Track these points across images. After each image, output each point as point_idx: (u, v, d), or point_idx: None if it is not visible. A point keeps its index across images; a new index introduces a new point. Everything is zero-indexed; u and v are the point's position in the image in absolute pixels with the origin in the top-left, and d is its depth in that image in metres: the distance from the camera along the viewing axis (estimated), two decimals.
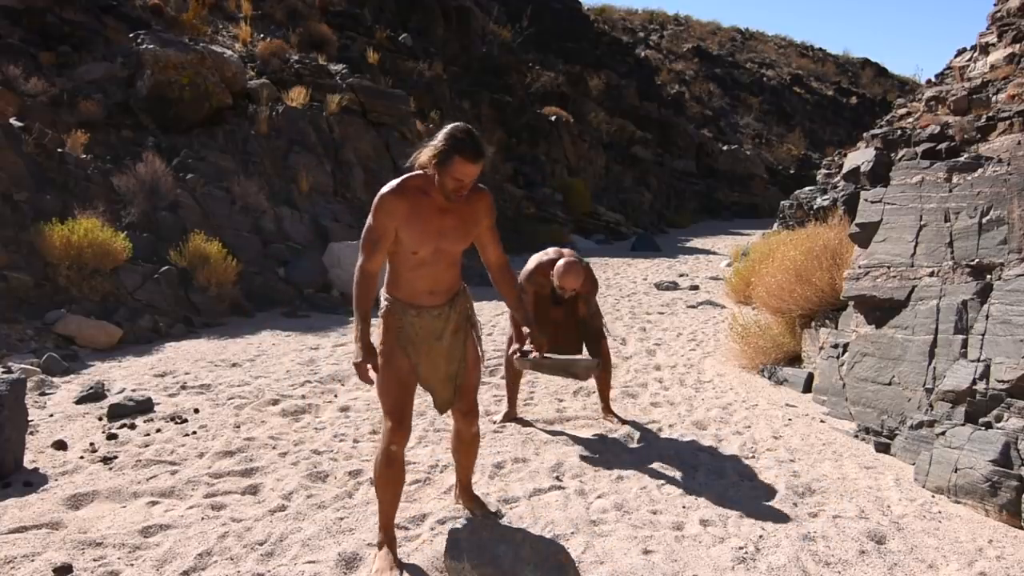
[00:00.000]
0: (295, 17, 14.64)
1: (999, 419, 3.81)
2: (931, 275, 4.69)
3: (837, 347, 5.33)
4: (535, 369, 4.28)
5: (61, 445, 4.14)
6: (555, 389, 5.62)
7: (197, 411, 4.82)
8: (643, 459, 4.20)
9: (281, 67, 12.42)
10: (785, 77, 36.49)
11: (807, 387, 5.69)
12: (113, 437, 4.27)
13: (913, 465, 4.04)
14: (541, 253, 4.66)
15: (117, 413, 4.64)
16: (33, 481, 3.65)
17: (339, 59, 13.95)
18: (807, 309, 6.23)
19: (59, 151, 8.29)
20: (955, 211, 4.71)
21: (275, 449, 4.19)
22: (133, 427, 4.47)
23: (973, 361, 4.12)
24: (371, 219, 2.83)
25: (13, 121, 8.12)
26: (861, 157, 6.91)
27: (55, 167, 8.14)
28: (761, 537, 3.26)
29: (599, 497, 3.65)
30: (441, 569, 2.90)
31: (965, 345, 4.28)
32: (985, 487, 3.55)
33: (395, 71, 15.17)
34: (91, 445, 4.15)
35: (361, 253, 2.87)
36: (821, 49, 42.78)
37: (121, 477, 3.74)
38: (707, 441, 4.55)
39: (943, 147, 5.27)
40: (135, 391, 5.16)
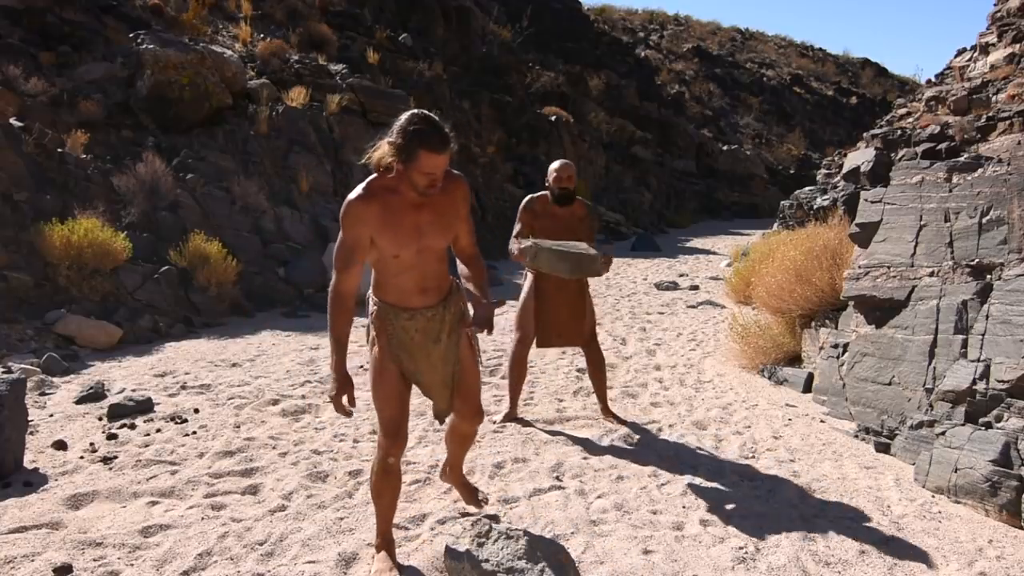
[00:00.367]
0: (295, 17, 14.64)
1: (999, 419, 3.81)
2: (931, 275, 4.69)
3: (837, 347, 5.33)
4: (534, 261, 4.21)
5: (61, 445, 4.14)
6: (555, 389, 5.62)
7: (197, 411, 4.82)
8: (643, 459, 4.20)
9: (281, 67, 12.42)
10: (785, 77, 36.49)
11: (807, 387, 5.69)
12: (113, 437, 4.27)
13: (913, 465, 4.04)
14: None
15: (117, 413, 4.64)
16: (33, 481, 3.65)
17: (339, 59, 13.95)
18: (807, 309, 6.23)
19: (59, 151, 8.29)
20: (955, 211, 4.71)
21: (275, 449, 4.19)
22: (133, 427, 4.48)
23: (973, 361, 4.12)
24: (341, 232, 2.65)
25: (13, 121, 8.12)
26: (861, 157, 6.91)
27: (55, 167, 8.14)
28: (761, 537, 3.27)
29: (599, 497, 3.65)
30: (441, 569, 2.90)
31: (965, 345, 4.28)
32: (985, 487, 3.55)
33: (395, 71, 15.16)
34: (91, 445, 4.15)
35: (333, 271, 2.69)
36: (821, 49, 42.78)
37: (121, 477, 3.74)
38: (707, 441, 4.55)
39: (943, 147, 5.27)
40: (135, 391, 5.16)
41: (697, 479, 3.92)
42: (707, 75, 33.57)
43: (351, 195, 2.64)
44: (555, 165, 4.63)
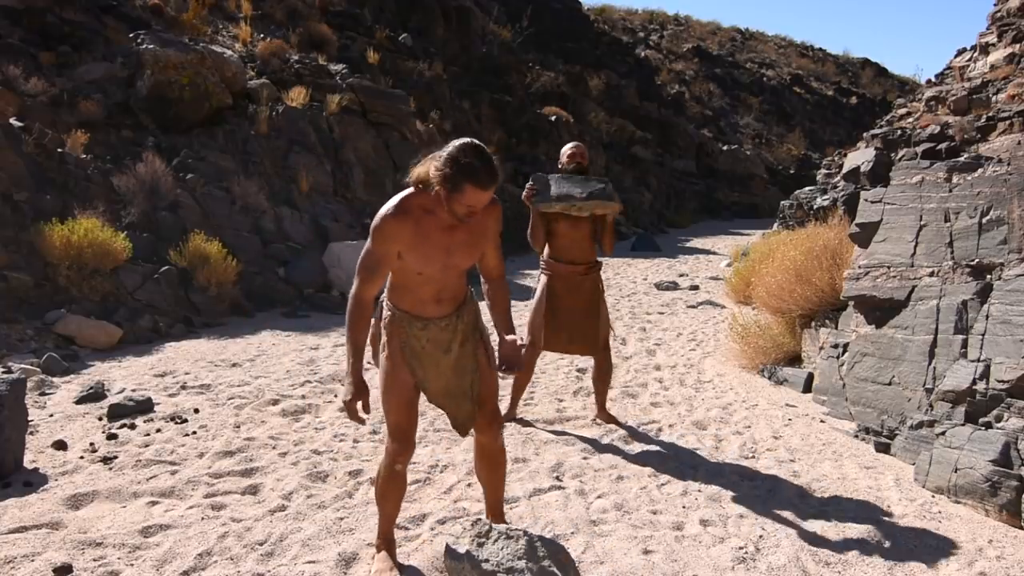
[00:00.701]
0: (295, 17, 14.64)
1: (999, 419, 3.81)
2: (931, 275, 4.69)
3: (837, 347, 5.33)
4: (542, 208, 4.35)
5: (61, 445, 4.14)
6: (555, 389, 5.62)
7: (197, 411, 4.82)
8: (643, 459, 4.20)
9: (281, 67, 12.42)
10: (785, 77, 36.48)
11: (807, 387, 5.69)
12: (113, 437, 4.27)
13: (913, 465, 4.04)
14: None
15: (117, 413, 4.64)
16: (33, 481, 3.65)
17: (339, 59, 13.95)
18: (807, 309, 6.23)
19: (59, 151, 8.29)
20: (955, 211, 4.71)
21: (275, 449, 4.19)
22: (133, 427, 4.47)
23: (973, 361, 4.12)
24: (369, 243, 2.65)
25: (13, 121, 8.12)
26: (861, 157, 6.92)
27: (55, 167, 8.14)
28: (761, 537, 3.27)
29: (599, 497, 3.65)
30: (441, 569, 2.90)
31: (965, 345, 4.28)
32: (985, 487, 3.55)
33: (395, 71, 15.16)
34: (91, 445, 4.15)
35: (356, 278, 2.68)
36: (821, 49, 42.77)
37: (121, 477, 3.74)
38: (707, 441, 4.55)
39: (943, 147, 5.28)
40: (135, 391, 5.16)
41: (697, 479, 3.92)
42: (707, 75, 33.56)
43: (386, 209, 2.64)
44: (567, 146, 4.73)
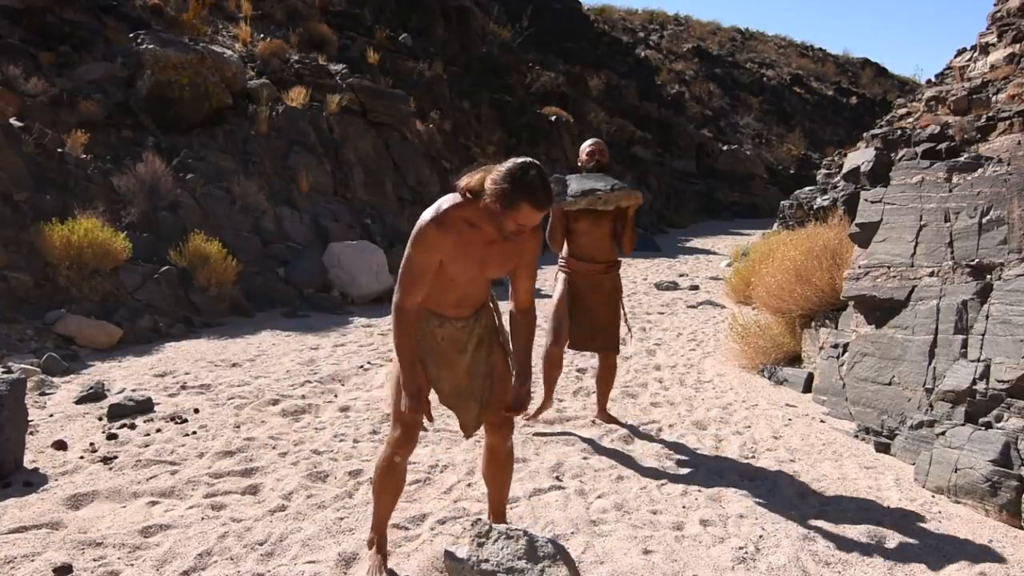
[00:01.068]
0: (295, 17, 14.64)
1: (999, 419, 3.81)
2: (931, 275, 4.69)
3: (837, 347, 5.33)
4: (566, 207, 4.35)
5: (61, 445, 4.14)
6: (555, 388, 5.61)
7: (197, 411, 4.82)
8: (643, 459, 4.20)
9: (281, 67, 12.42)
10: (785, 77, 36.48)
11: (807, 387, 5.69)
12: (113, 437, 4.27)
13: (913, 465, 4.04)
14: None
15: (117, 413, 4.64)
16: (33, 481, 3.65)
17: (339, 59, 13.95)
18: (807, 309, 6.23)
19: (59, 151, 8.29)
20: (955, 211, 4.71)
21: (275, 449, 4.19)
22: (133, 427, 4.47)
23: (973, 361, 4.12)
24: (411, 251, 2.59)
25: (13, 121, 8.12)
26: (861, 157, 6.91)
27: (55, 167, 8.14)
28: (761, 537, 3.27)
29: (599, 497, 3.65)
30: (441, 569, 2.90)
31: (965, 345, 4.28)
32: (985, 487, 3.55)
33: (395, 71, 15.16)
34: (91, 445, 4.15)
35: (398, 288, 2.63)
36: (821, 49, 42.77)
37: (121, 477, 3.74)
38: (707, 441, 4.55)
39: (943, 147, 5.27)
40: (135, 391, 5.16)
41: (697, 479, 3.92)
42: (707, 75, 33.55)
43: (428, 218, 2.58)
44: (587, 143, 4.71)
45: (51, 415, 4.67)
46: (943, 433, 3.90)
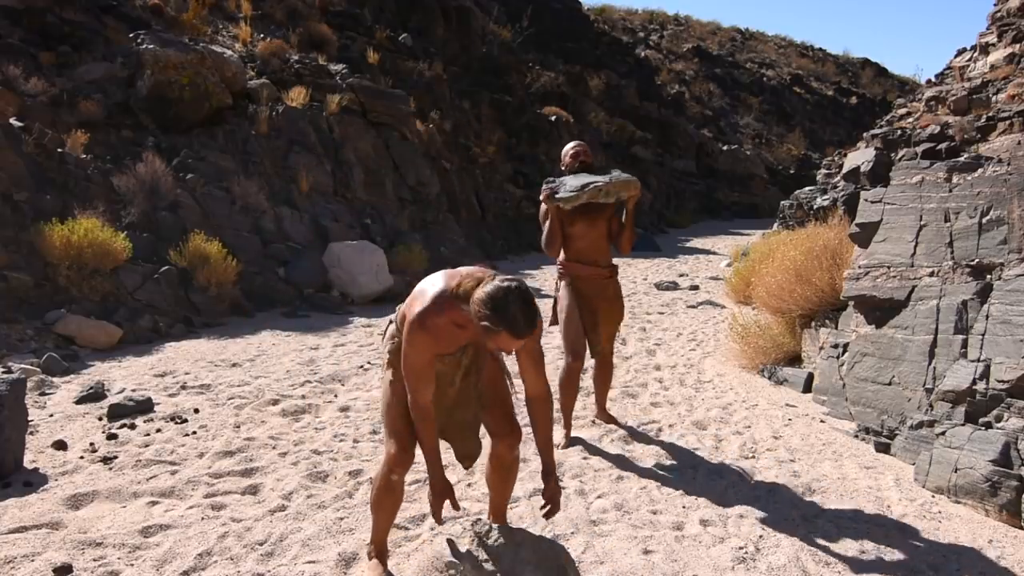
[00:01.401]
0: (295, 17, 14.64)
1: (999, 419, 3.81)
2: (931, 275, 4.69)
3: (837, 347, 5.33)
4: (565, 204, 4.18)
5: (61, 445, 4.14)
6: (555, 389, 5.61)
7: (197, 411, 4.82)
8: (643, 459, 4.20)
9: (281, 67, 12.42)
10: (785, 77, 36.48)
11: (807, 387, 5.69)
12: (113, 437, 4.27)
13: (913, 465, 4.04)
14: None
15: (117, 413, 4.64)
16: (33, 481, 3.65)
17: (339, 59, 13.95)
18: (807, 309, 6.23)
19: (59, 151, 8.29)
20: (955, 211, 4.71)
21: (275, 449, 4.19)
22: (133, 427, 4.47)
23: (973, 361, 4.12)
24: (407, 349, 2.56)
25: (13, 121, 8.12)
26: (861, 157, 6.91)
27: (55, 167, 8.14)
28: (761, 537, 3.26)
29: (599, 497, 3.65)
30: (441, 569, 2.89)
31: (965, 345, 4.28)
32: (985, 487, 3.55)
33: (395, 71, 15.16)
34: (91, 445, 4.15)
35: (408, 387, 2.59)
36: (821, 49, 42.78)
37: (121, 477, 3.74)
38: (707, 441, 4.55)
39: (943, 147, 5.27)
40: (135, 391, 5.16)
41: (697, 479, 3.92)
42: (707, 75, 33.56)
43: (421, 317, 2.51)
44: (570, 145, 4.59)
45: (51, 415, 4.67)
46: (943, 433, 3.90)
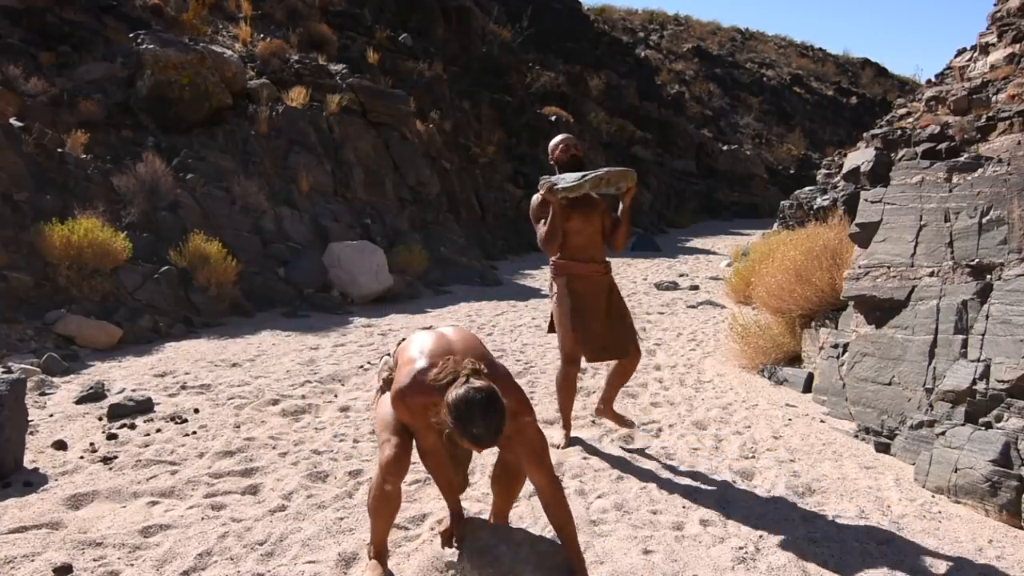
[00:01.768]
0: (295, 17, 14.64)
1: (999, 419, 3.81)
2: (931, 275, 4.69)
3: (837, 347, 5.33)
4: (568, 194, 4.03)
5: (61, 445, 4.14)
6: (555, 389, 5.61)
7: (197, 411, 4.82)
8: (643, 459, 4.20)
9: (281, 67, 12.42)
10: (785, 77, 36.48)
11: (807, 387, 5.69)
12: (113, 437, 4.27)
13: (913, 465, 4.04)
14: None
15: (117, 413, 4.64)
16: (33, 481, 3.65)
17: (339, 59, 13.95)
18: (807, 309, 6.23)
19: (59, 151, 8.29)
20: (955, 211, 4.71)
21: (275, 449, 4.19)
22: (133, 427, 4.47)
23: (973, 361, 4.12)
24: (398, 417, 2.66)
25: (13, 121, 8.12)
26: (861, 157, 6.91)
27: (55, 167, 8.14)
28: (761, 537, 3.26)
29: (599, 497, 3.65)
30: (441, 569, 2.89)
31: (965, 345, 4.28)
32: (985, 487, 3.55)
33: (395, 71, 15.16)
34: (91, 445, 4.15)
35: (417, 437, 2.66)
36: (821, 49, 42.77)
37: (121, 477, 3.74)
38: (707, 441, 4.55)
39: (943, 147, 5.27)
40: (135, 391, 5.16)
41: (697, 479, 3.92)
42: (707, 75, 33.56)
43: (402, 395, 2.57)
44: (558, 139, 4.40)
45: (51, 415, 4.67)
46: (943, 433, 3.90)
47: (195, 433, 4.41)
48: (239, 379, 5.62)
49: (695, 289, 11.26)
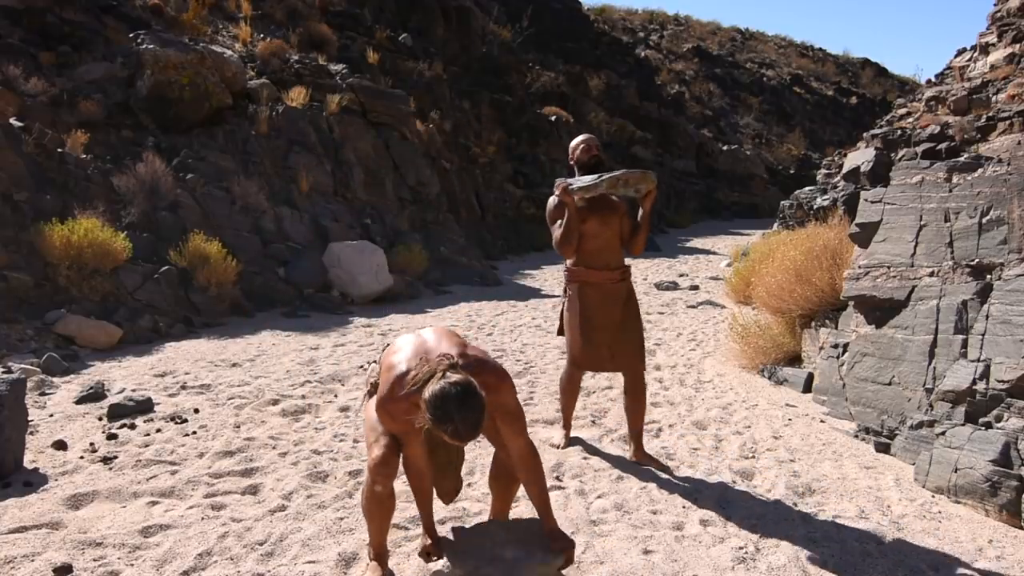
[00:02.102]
0: (295, 17, 14.64)
1: (999, 419, 3.81)
2: (931, 275, 4.69)
3: (837, 347, 5.33)
4: (584, 194, 3.92)
5: (61, 445, 4.14)
6: (555, 389, 5.61)
7: (197, 411, 4.82)
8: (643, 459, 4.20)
9: (281, 67, 12.42)
10: (785, 77, 36.48)
11: (807, 387, 5.69)
12: (113, 437, 4.27)
13: (913, 465, 4.04)
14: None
15: (117, 413, 4.64)
16: (33, 481, 3.65)
17: (339, 59, 13.95)
18: (807, 309, 6.23)
19: (59, 151, 8.29)
20: (955, 211, 4.71)
21: (275, 449, 4.19)
22: (133, 427, 4.47)
23: (973, 361, 4.12)
24: (384, 425, 2.65)
25: (13, 121, 8.12)
26: (861, 157, 6.91)
27: (55, 167, 8.14)
28: (761, 537, 3.26)
29: (599, 497, 3.65)
30: (436, 568, 2.89)
31: (965, 345, 4.28)
32: (985, 487, 3.55)
33: (395, 71, 15.16)
34: (91, 445, 4.15)
35: (403, 441, 2.63)
36: (821, 49, 42.77)
37: (121, 477, 3.74)
38: (707, 441, 4.55)
39: (943, 147, 5.27)
40: (135, 391, 5.16)
41: (697, 479, 3.92)
42: (707, 75, 33.55)
43: (383, 402, 2.58)
44: (580, 139, 4.30)
45: (51, 415, 4.67)
46: (943, 433, 3.90)
47: (195, 433, 4.41)
48: (239, 379, 5.62)
49: (695, 289, 11.26)
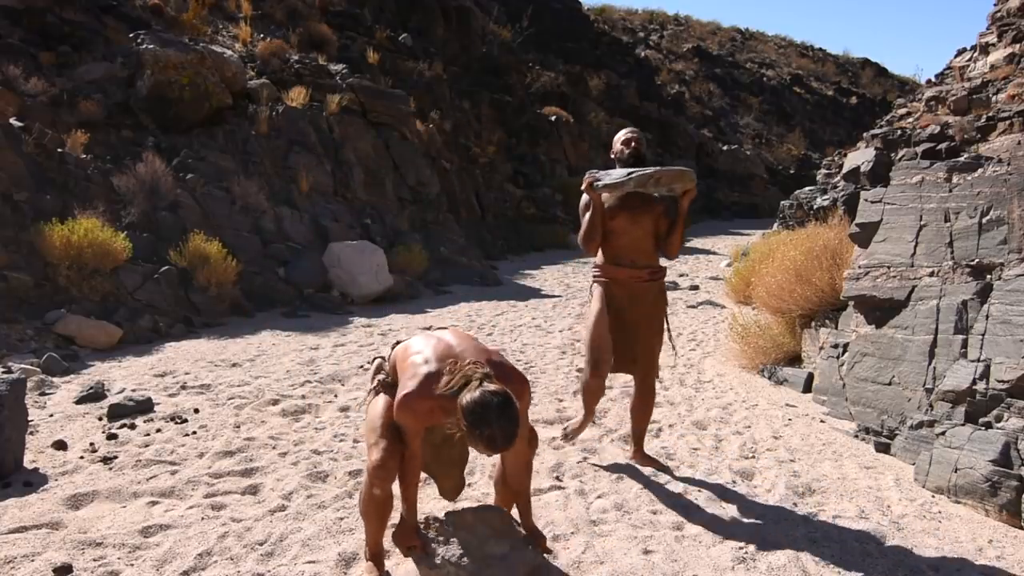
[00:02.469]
0: (295, 17, 14.64)
1: (999, 419, 3.81)
2: (931, 275, 4.69)
3: (837, 347, 5.33)
4: (610, 191, 3.73)
5: (61, 445, 4.14)
6: (555, 389, 5.62)
7: (197, 411, 4.82)
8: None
9: (281, 67, 12.42)
10: (785, 77, 36.47)
11: (807, 387, 5.69)
12: (113, 437, 4.27)
13: (913, 465, 4.04)
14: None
15: (117, 413, 4.64)
16: (33, 481, 3.65)
17: (339, 59, 13.95)
18: (807, 309, 6.23)
19: (59, 151, 8.29)
20: (955, 211, 4.71)
21: (275, 449, 4.19)
22: (133, 427, 4.47)
23: (973, 361, 4.12)
24: (399, 421, 2.65)
25: (13, 121, 8.12)
26: (861, 157, 6.91)
27: (55, 167, 8.14)
28: (761, 537, 3.26)
29: (599, 497, 3.65)
30: (432, 566, 2.89)
31: (965, 345, 4.28)
32: (985, 487, 3.55)
33: (395, 71, 15.16)
34: (91, 445, 4.15)
35: (406, 436, 2.65)
36: (821, 49, 42.76)
37: (121, 477, 3.74)
38: (707, 441, 4.55)
39: (943, 147, 5.27)
40: (135, 391, 5.16)
41: (697, 479, 3.92)
42: (707, 75, 33.54)
43: (408, 400, 2.57)
44: (623, 132, 4.13)
45: (51, 415, 4.67)
46: (943, 433, 3.90)
47: (195, 433, 4.41)
48: (239, 379, 5.62)
49: (695, 289, 11.26)
